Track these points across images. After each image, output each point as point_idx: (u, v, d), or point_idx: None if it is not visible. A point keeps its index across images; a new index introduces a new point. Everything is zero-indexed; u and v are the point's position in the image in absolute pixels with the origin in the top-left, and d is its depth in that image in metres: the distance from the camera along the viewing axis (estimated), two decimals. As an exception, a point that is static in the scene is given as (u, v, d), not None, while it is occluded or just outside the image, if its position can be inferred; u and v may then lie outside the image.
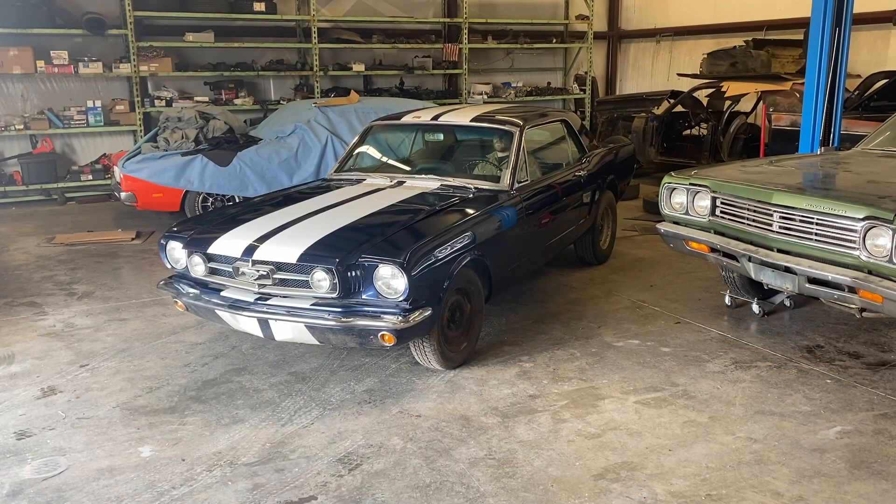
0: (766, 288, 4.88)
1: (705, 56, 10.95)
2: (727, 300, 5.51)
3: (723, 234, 4.74)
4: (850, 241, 3.93)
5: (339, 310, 3.95)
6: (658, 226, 5.21)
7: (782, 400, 4.06)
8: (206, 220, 4.80)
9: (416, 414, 3.94)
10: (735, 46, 10.77)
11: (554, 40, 13.07)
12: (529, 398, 4.10)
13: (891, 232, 3.74)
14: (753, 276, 4.55)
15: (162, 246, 4.53)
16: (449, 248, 4.20)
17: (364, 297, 3.98)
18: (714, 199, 4.77)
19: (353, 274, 3.96)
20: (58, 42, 9.61)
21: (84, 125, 9.86)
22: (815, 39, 6.21)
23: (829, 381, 4.29)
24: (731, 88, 9.81)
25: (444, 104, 10.60)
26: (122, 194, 7.92)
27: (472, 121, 5.66)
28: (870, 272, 3.88)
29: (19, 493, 3.27)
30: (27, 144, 9.89)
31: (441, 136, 6.29)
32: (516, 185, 5.07)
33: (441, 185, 5.13)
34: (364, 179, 5.40)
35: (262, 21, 10.68)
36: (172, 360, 4.69)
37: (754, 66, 10.17)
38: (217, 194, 7.87)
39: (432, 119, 5.81)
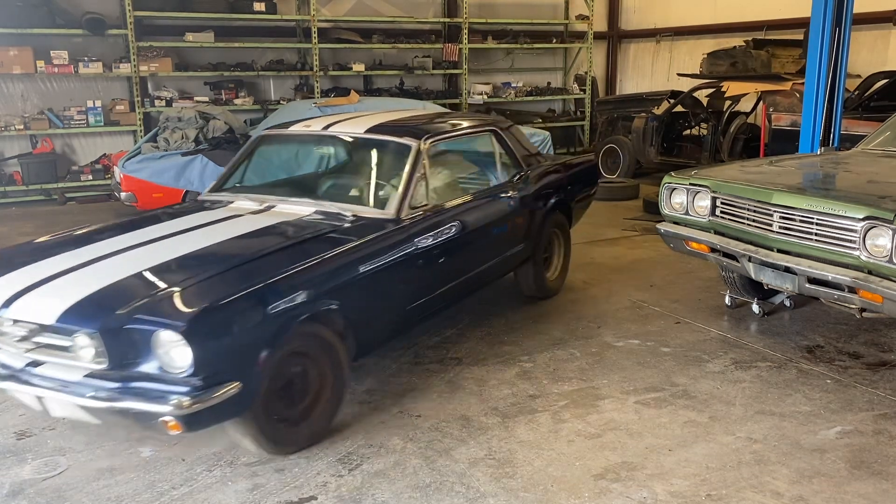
0: (766, 288, 4.88)
1: (705, 56, 10.94)
2: (727, 300, 5.51)
3: (723, 234, 4.74)
4: (850, 241, 3.93)
5: (115, 386, 3.07)
6: (658, 226, 5.21)
7: (782, 400, 4.06)
8: (6, 255, 3.90)
9: (416, 414, 3.94)
10: (735, 46, 10.77)
11: (554, 40, 13.07)
12: (529, 398, 4.10)
13: (891, 232, 3.74)
14: (753, 276, 4.55)
15: None
16: (273, 300, 3.31)
17: (146, 369, 3.08)
18: (714, 199, 4.77)
19: (127, 340, 3.07)
20: (58, 42, 9.61)
21: (84, 125, 9.86)
22: (815, 39, 6.21)
23: (829, 381, 4.29)
24: (731, 88, 9.80)
25: (443, 104, 10.64)
26: (123, 194, 7.93)
27: (367, 131, 4.72)
28: (870, 272, 3.88)
29: (19, 492, 3.27)
30: (27, 144, 9.89)
31: (332, 150, 5.35)
32: (409, 212, 4.17)
33: (316, 211, 4.24)
34: (232, 202, 4.49)
35: (262, 21, 10.69)
36: (172, 360, 4.68)
37: (754, 66, 10.17)
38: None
39: (323, 129, 4.89)
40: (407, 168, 4.34)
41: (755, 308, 5.33)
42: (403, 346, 4.75)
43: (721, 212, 4.74)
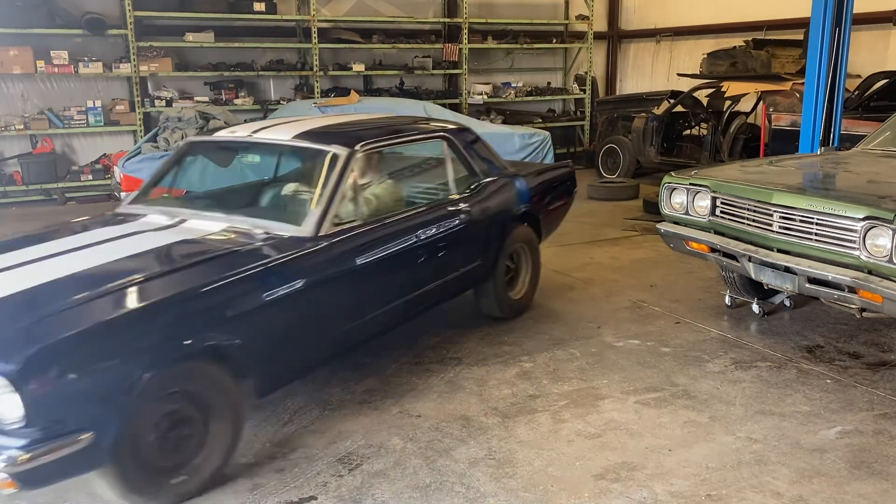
0: (766, 288, 4.88)
1: (705, 56, 10.94)
2: (727, 300, 5.51)
3: (723, 234, 4.74)
4: (850, 241, 3.93)
5: None
6: (658, 226, 5.21)
7: (782, 400, 4.06)
8: None
9: (416, 414, 3.94)
10: (735, 46, 10.77)
11: (554, 40, 13.07)
12: (529, 398, 4.10)
13: (891, 232, 3.74)
14: (753, 276, 4.55)
15: None
16: (140, 335, 2.91)
17: None
18: (714, 199, 4.77)
19: None
20: (58, 42, 9.61)
21: (84, 125, 9.86)
22: (815, 39, 6.21)
23: (829, 381, 4.29)
24: (731, 88, 9.80)
25: (443, 104, 10.65)
26: (122, 194, 7.91)
27: (294, 138, 4.26)
28: (870, 272, 3.88)
29: (20, 493, 3.27)
30: (27, 144, 9.89)
31: (258, 158, 4.97)
32: (331, 229, 3.74)
33: (226, 227, 3.80)
34: (145, 215, 4.07)
35: (262, 21, 10.68)
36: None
37: (754, 66, 10.17)
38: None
39: (249, 135, 4.42)
40: (332, 179, 3.86)
41: (755, 308, 5.33)
42: (403, 345, 4.75)
43: (721, 212, 4.74)
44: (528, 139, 9.52)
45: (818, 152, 5.95)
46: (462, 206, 4.64)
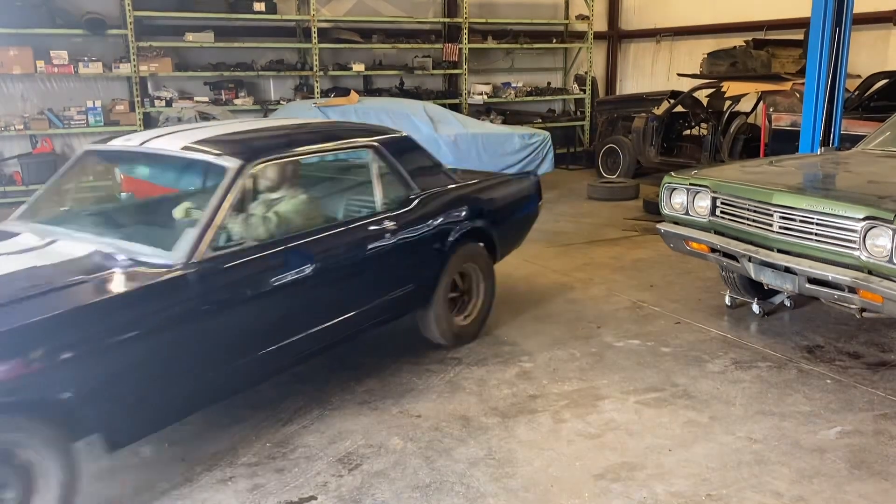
0: (766, 288, 4.88)
1: (705, 56, 10.94)
2: (727, 300, 5.51)
3: (723, 235, 4.74)
4: (851, 241, 3.93)
5: None
6: (658, 226, 5.21)
7: (782, 400, 4.06)
8: None
9: (416, 414, 3.94)
10: (735, 46, 10.76)
11: (554, 40, 13.07)
12: (529, 398, 4.10)
13: (891, 232, 3.74)
14: (753, 276, 4.55)
15: None
16: None
17: None
18: (714, 200, 4.77)
19: None
20: (57, 42, 9.60)
21: (84, 125, 9.84)
22: (815, 39, 6.21)
23: (829, 381, 4.29)
24: (731, 88, 9.80)
25: (443, 104, 10.64)
26: (123, 195, 7.91)
27: (184, 148, 3.73)
28: (870, 272, 3.88)
29: (19, 493, 3.27)
30: (27, 144, 9.87)
31: (147, 171, 4.43)
32: (209, 254, 3.24)
33: (93, 251, 3.32)
34: (19, 234, 3.61)
35: (262, 21, 10.68)
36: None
37: (754, 66, 10.17)
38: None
39: (140, 144, 3.92)
40: (217, 196, 3.39)
41: (755, 308, 5.33)
42: (403, 345, 4.74)
43: (721, 212, 4.74)
44: (527, 139, 9.51)
45: (818, 152, 5.95)
46: (388, 224, 4.15)
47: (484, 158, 9.01)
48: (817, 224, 4.09)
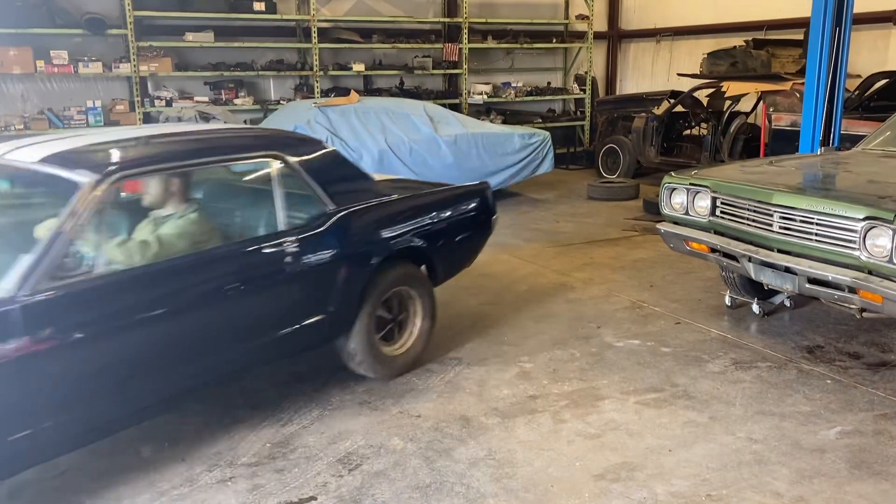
0: (766, 288, 4.88)
1: (705, 56, 10.94)
2: (727, 300, 5.51)
3: (723, 235, 4.74)
4: (851, 241, 3.93)
5: None
6: (658, 226, 5.21)
7: (782, 400, 4.06)
8: None
9: (416, 414, 3.94)
10: (735, 46, 10.76)
11: (554, 40, 13.07)
12: (529, 398, 4.10)
13: (891, 232, 3.74)
14: (753, 276, 4.55)
15: None
16: None
17: None
18: (714, 200, 4.77)
19: None
20: (57, 42, 9.60)
21: (84, 125, 9.83)
22: (815, 39, 6.21)
23: (829, 381, 4.29)
24: (731, 88, 9.80)
25: (443, 104, 10.64)
26: (122, 195, 7.91)
27: (41, 161, 3.25)
28: (870, 272, 3.88)
29: (20, 493, 3.27)
30: (27, 144, 9.88)
31: (7, 185, 3.82)
32: (47, 285, 2.81)
33: None
34: None
35: (262, 21, 10.68)
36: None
37: (754, 66, 10.17)
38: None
39: (4, 154, 3.43)
40: (64, 216, 2.95)
41: (755, 308, 5.33)
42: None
43: (721, 212, 4.74)
44: (527, 139, 9.52)
45: (818, 152, 5.95)
46: (289, 245, 3.66)
47: (484, 158, 9.03)
48: (817, 224, 4.09)
